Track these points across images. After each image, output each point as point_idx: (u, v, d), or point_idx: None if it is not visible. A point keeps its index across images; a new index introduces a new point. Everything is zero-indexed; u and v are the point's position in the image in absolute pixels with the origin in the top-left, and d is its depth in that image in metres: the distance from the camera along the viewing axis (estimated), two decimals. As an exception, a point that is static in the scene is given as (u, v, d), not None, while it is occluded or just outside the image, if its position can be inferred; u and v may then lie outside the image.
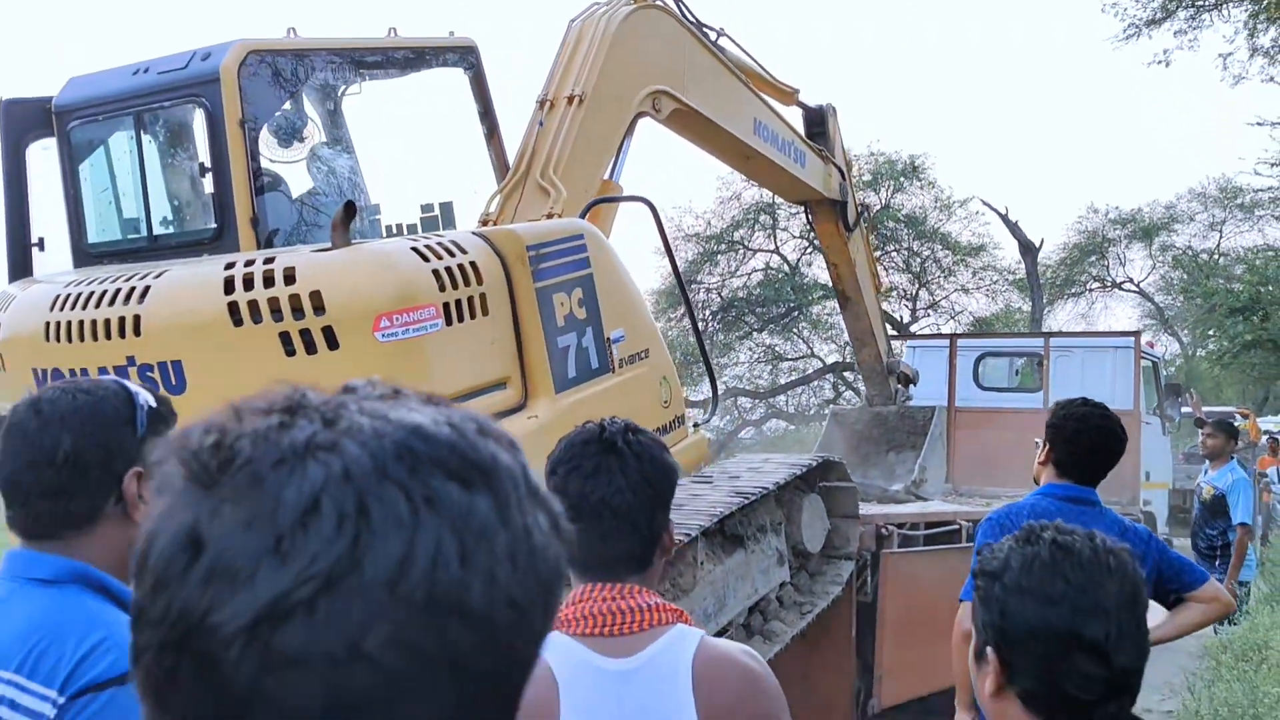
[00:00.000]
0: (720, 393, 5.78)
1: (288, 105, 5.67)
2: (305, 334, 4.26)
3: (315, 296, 4.25)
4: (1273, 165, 19.69)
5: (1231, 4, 16.87)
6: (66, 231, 5.79)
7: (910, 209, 28.65)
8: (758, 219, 26.76)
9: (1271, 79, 17.05)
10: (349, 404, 0.74)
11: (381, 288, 4.33)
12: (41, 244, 5.84)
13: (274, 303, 4.27)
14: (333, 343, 4.26)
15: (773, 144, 8.30)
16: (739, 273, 29.38)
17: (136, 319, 4.44)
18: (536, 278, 4.83)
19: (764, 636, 6.34)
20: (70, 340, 4.59)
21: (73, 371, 4.64)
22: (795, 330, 29.76)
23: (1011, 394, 14.13)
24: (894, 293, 29.39)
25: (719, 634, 5.86)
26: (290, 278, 4.29)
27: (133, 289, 4.51)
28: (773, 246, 28.43)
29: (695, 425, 5.79)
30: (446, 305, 4.46)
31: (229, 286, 4.33)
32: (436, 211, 6.39)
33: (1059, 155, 65.60)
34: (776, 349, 30.30)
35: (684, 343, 25.47)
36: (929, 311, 30.44)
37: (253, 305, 4.28)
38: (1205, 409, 23.61)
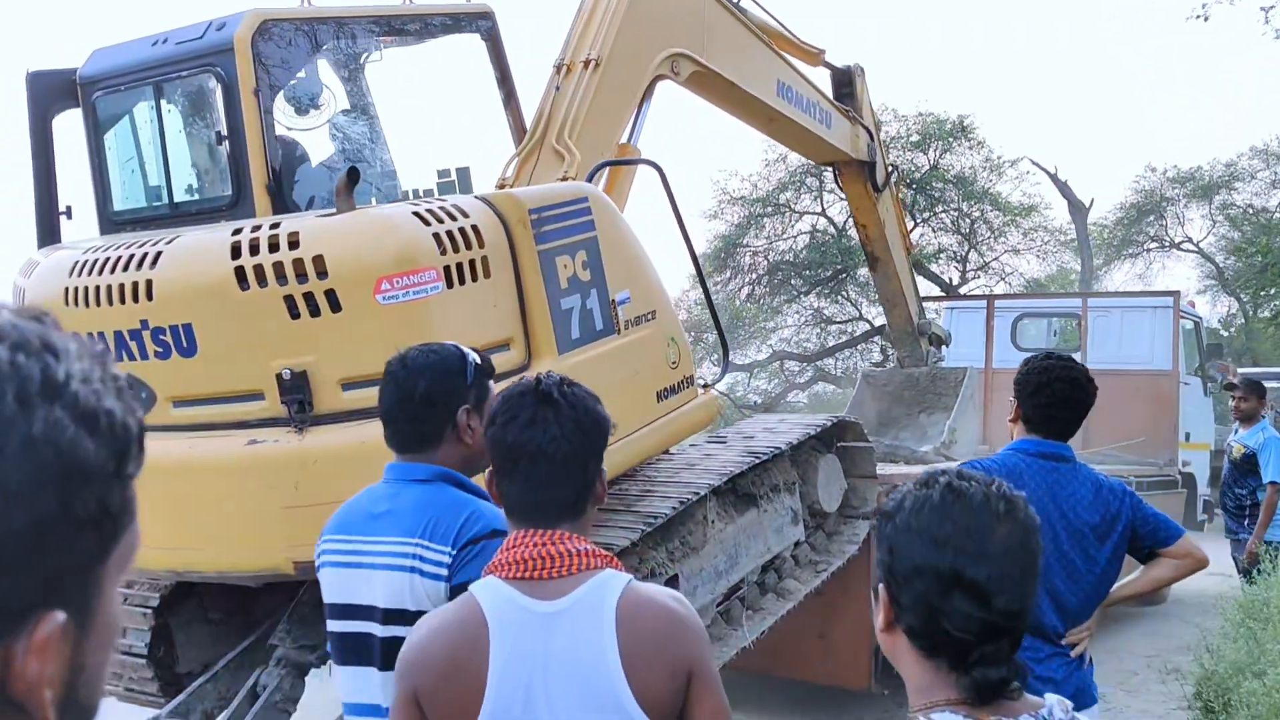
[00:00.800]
0: (731, 355, 5.80)
1: (303, 73, 5.77)
2: (309, 297, 4.38)
3: (318, 261, 4.37)
4: None
5: None
6: (93, 200, 5.96)
7: (959, 169, 28.23)
8: (804, 181, 26.51)
9: None
10: None
11: (382, 251, 4.43)
12: (69, 212, 6.00)
13: (279, 267, 4.39)
14: (335, 305, 4.38)
15: (797, 106, 8.29)
16: (785, 235, 29.19)
17: (149, 283, 4.59)
18: (539, 240, 4.91)
19: (778, 594, 6.43)
20: (87, 305, 4.74)
21: (90, 335, 4.81)
22: (843, 293, 29.54)
23: None
24: (943, 254, 29.10)
25: (732, 591, 5.96)
26: (294, 242, 4.41)
27: (145, 254, 4.65)
28: (819, 209, 28.18)
29: (705, 385, 5.84)
30: (447, 268, 4.56)
31: (236, 251, 4.46)
32: (453, 176, 6.48)
33: (1112, 114, 63.91)
34: (824, 312, 30.15)
35: (729, 306, 25.44)
36: (979, 273, 30.04)
37: (258, 270, 4.41)
38: (1261, 369, 23.15)
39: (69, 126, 6.01)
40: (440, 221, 4.61)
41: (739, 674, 7.20)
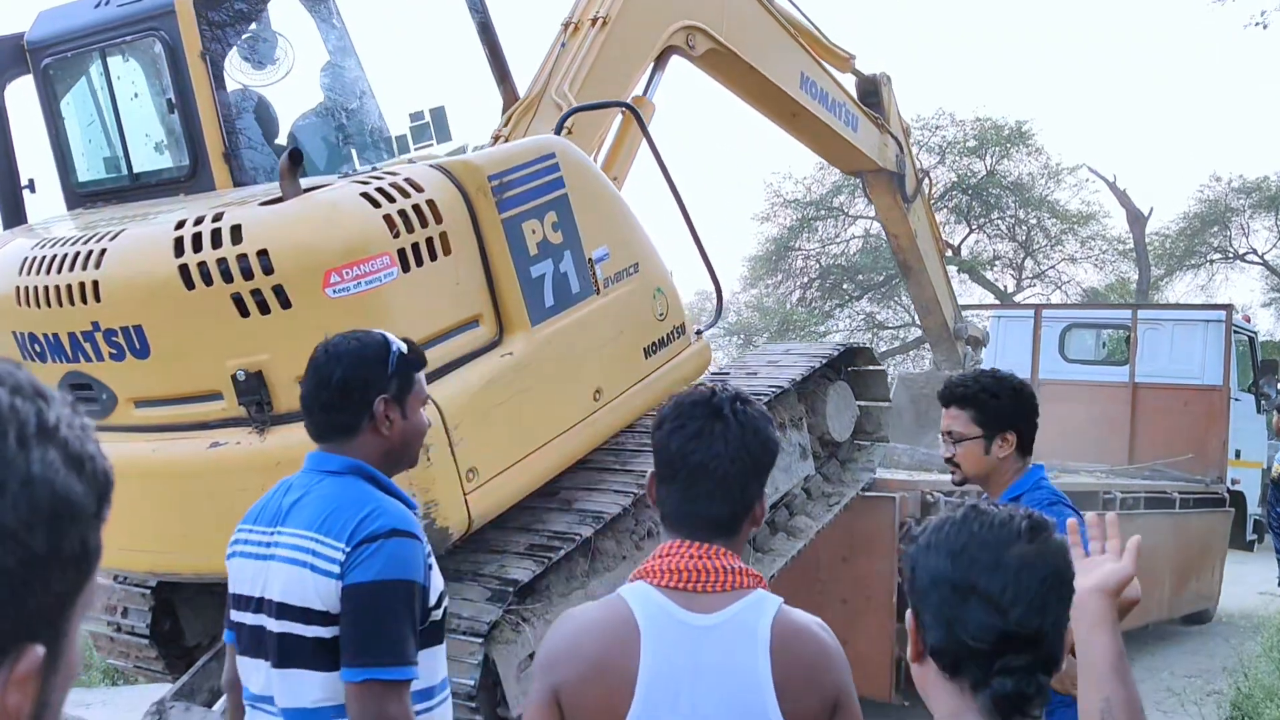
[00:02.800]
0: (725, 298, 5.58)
1: (255, 26, 5.45)
2: (256, 294, 4.16)
3: (262, 255, 4.14)
4: None
5: None
6: (55, 172, 5.74)
7: (1016, 175, 27.69)
8: (858, 185, 25.85)
9: None
10: None
11: (327, 242, 4.19)
12: (32, 185, 5.80)
13: (223, 264, 4.16)
14: (285, 302, 4.16)
15: (822, 103, 7.92)
16: (838, 239, 28.85)
17: (95, 285, 4.39)
18: (502, 208, 4.63)
19: (788, 533, 6.27)
20: (39, 305, 4.57)
21: (46, 337, 4.65)
22: (895, 298, 29.22)
23: (1099, 367, 13.63)
24: (998, 261, 28.61)
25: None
26: (237, 236, 4.18)
27: (90, 252, 4.44)
28: (873, 213, 27.63)
29: (698, 332, 5.59)
30: (402, 251, 4.31)
31: (179, 248, 4.23)
32: (428, 119, 6.18)
33: (1175, 122, 61.39)
34: (876, 317, 29.83)
35: (780, 310, 25.09)
36: (1034, 281, 29.64)
37: (203, 267, 4.19)
38: None
39: (23, 93, 5.77)
40: (391, 200, 4.34)
41: None
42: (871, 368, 6.85)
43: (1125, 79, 62.80)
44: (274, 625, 2.57)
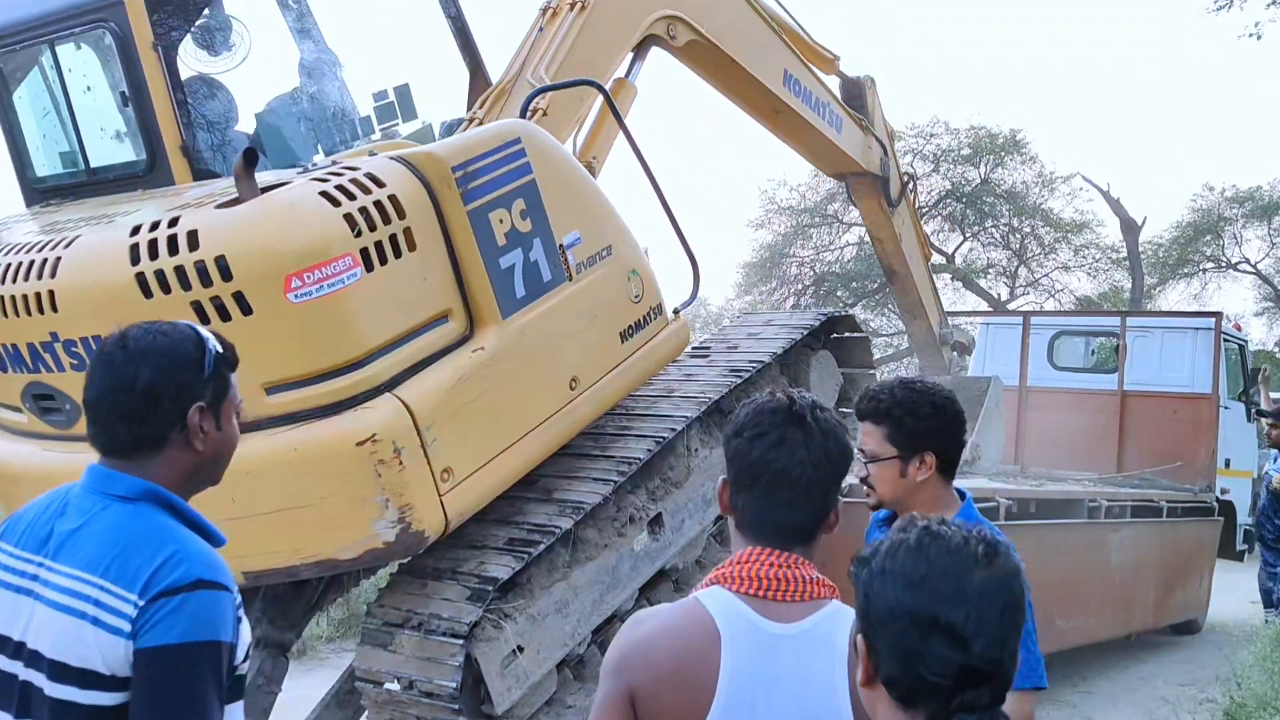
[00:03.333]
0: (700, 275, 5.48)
1: (207, 11, 5.29)
2: (216, 301, 4.05)
3: (220, 262, 4.02)
4: None
5: None
6: (10, 166, 5.60)
7: (1010, 184, 27.56)
8: None
9: None
10: None
11: (287, 245, 4.06)
12: (-11, 182, 5.66)
13: (180, 272, 4.05)
14: (246, 308, 4.05)
15: (805, 101, 7.78)
16: (832, 246, 28.79)
17: (51, 294, 4.28)
18: (467, 199, 4.50)
19: (775, 506, 6.18)
20: (-2, 316, 4.45)
21: (5, 347, 4.54)
22: (889, 306, 29.18)
23: (1087, 375, 13.39)
24: (992, 269, 28.55)
25: (720, 517, 5.73)
26: (194, 242, 4.06)
27: (45, 261, 4.32)
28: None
29: (676, 311, 5.48)
30: (365, 250, 4.19)
31: (134, 255, 4.11)
32: (392, 98, 6.03)
33: (1169, 131, 60.79)
34: (870, 324, 29.87)
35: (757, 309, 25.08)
36: (1028, 289, 29.63)
37: (160, 275, 4.07)
38: None
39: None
40: (351, 198, 4.21)
41: None
42: (854, 334, 6.76)
43: (1119, 87, 62.74)
44: (48, 688, 2.09)
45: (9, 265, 4.42)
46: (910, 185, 9.89)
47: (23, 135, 5.53)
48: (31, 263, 4.35)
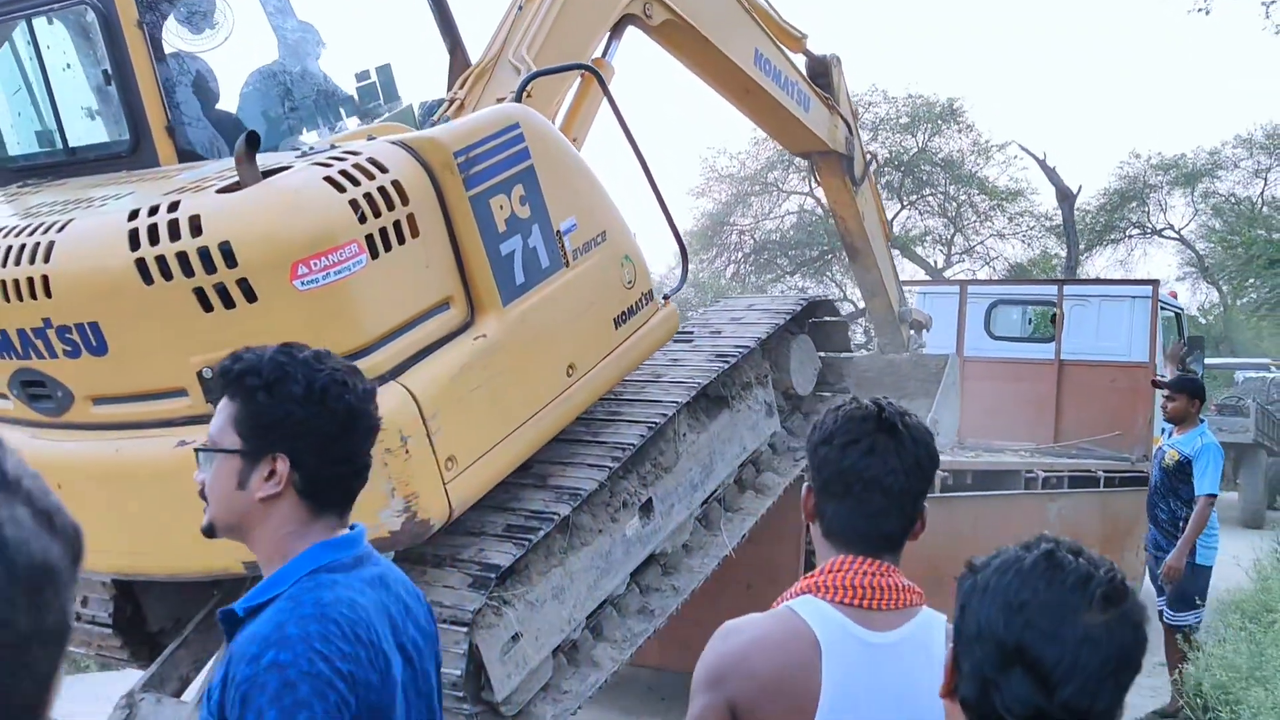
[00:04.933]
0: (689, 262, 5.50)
1: (191, -12, 5.17)
2: (220, 288, 3.98)
3: (224, 248, 3.95)
4: None
5: None
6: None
7: (947, 153, 27.87)
8: (793, 161, 26.03)
9: None
10: None
11: (293, 232, 4.00)
12: (-41, 160, 5.49)
13: (183, 258, 3.97)
14: (250, 295, 3.98)
15: (775, 81, 7.80)
16: (772, 215, 28.92)
17: (45, 279, 4.17)
18: (469, 184, 4.46)
19: (756, 490, 6.27)
20: (-16, 301, 4.34)
21: (-6, 332, 4.43)
22: (828, 274, 29.40)
23: (1025, 344, 13.40)
24: (928, 237, 28.76)
25: (706, 501, 5.77)
26: (196, 227, 3.98)
27: (38, 245, 4.21)
28: (808, 189, 27.86)
29: (665, 297, 5.49)
30: (370, 237, 4.14)
31: (134, 241, 4.02)
32: (374, 78, 5.93)
33: (1101, 101, 61.94)
34: (808, 292, 30.13)
35: (714, 285, 25.09)
36: (964, 257, 30.12)
37: (161, 261, 3.99)
38: (1238, 359, 22.23)
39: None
40: (356, 184, 4.15)
41: (654, 669, 7.02)
42: (832, 318, 6.82)
43: (1055, 57, 63.68)
44: None
45: (-3, 249, 4.31)
46: (873, 164, 9.96)
47: (-6, 114, 5.38)
48: (23, 247, 4.24)
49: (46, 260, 4.17)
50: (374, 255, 4.15)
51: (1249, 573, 10.55)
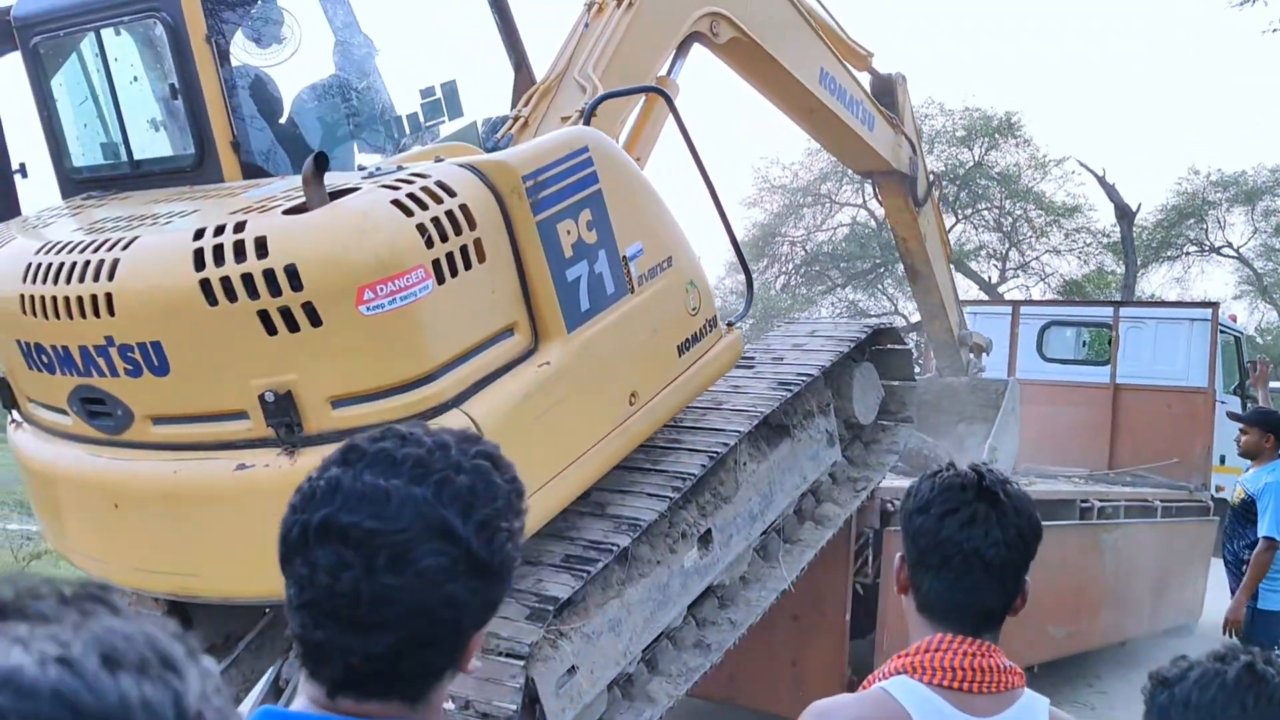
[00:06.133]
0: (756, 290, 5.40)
1: (260, 3, 5.13)
2: (285, 311, 3.92)
3: (290, 271, 3.89)
4: None
5: None
6: (48, 155, 5.43)
7: (1004, 167, 27.61)
8: (846, 172, 25.91)
9: None
10: None
11: (361, 256, 3.94)
12: (24, 170, 5.49)
13: (248, 280, 3.91)
14: (315, 319, 3.92)
15: (840, 100, 7.70)
16: (824, 226, 28.81)
17: (109, 297, 4.13)
18: (536, 209, 4.38)
19: (816, 521, 6.15)
20: (46, 316, 4.31)
21: (54, 348, 4.40)
22: (879, 287, 29.21)
23: (1078, 366, 13.06)
24: (982, 251, 28.56)
25: (765, 532, 5.65)
26: (262, 248, 3.92)
27: (102, 262, 4.17)
28: (860, 201, 27.69)
29: (729, 324, 5.38)
30: (436, 262, 4.06)
31: (199, 261, 3.97)
32: (439, 94, 5.88)
33: (1161, 117, 61.47)
34: (860, 305, 29.88)
35: (763, 296, 24.91)
36: (1018, 272, 29.82)
37: (225, 282, 3.93)
38: None
39: (11, 71, 5.43)
40: (424, 208, 4.08)
41: (699, 700, 6.81)
42: (895, 346, 6.68)
43: (1115, 72, 63.17)
44: None
45: (62, 265, 4.27)
46: (936, 185, 9.79)
47: (61, 125, 5.37)
48: (87, 263, 4.20)
49: (110, 278, 4.13)
50: (440, 280, 4.07)
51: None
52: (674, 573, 5.09)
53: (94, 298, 4.16)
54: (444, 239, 4.09)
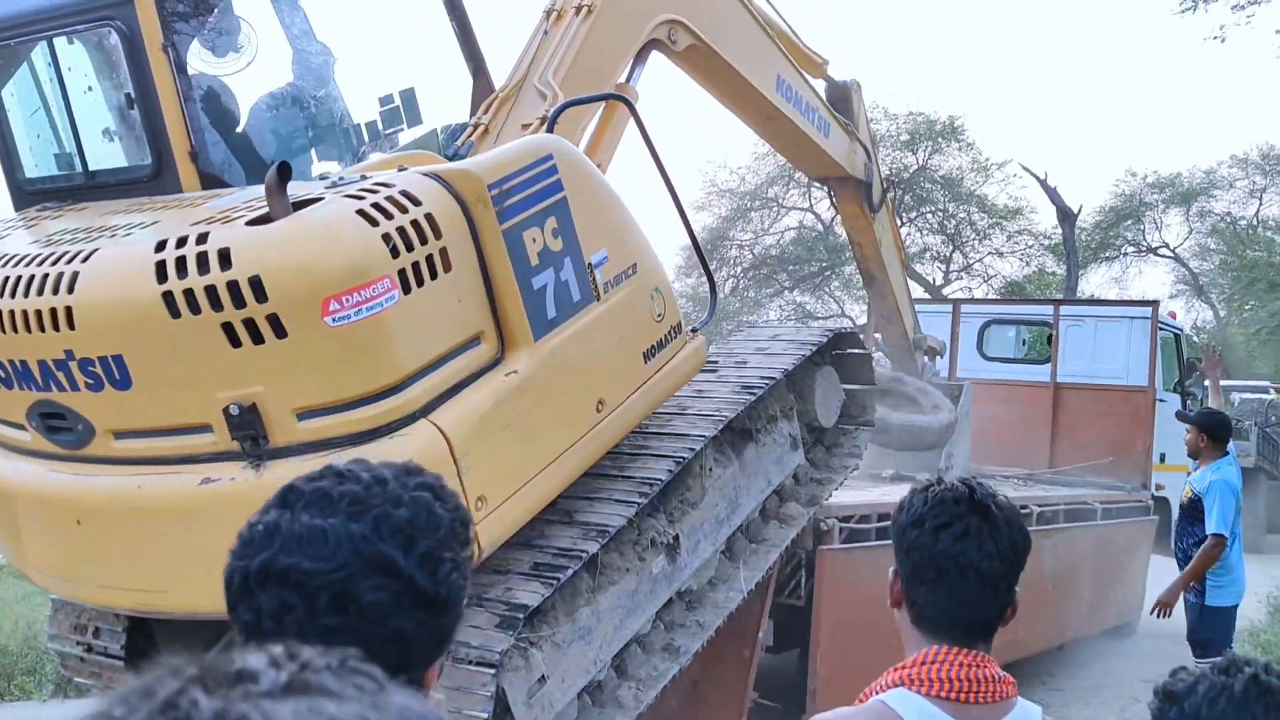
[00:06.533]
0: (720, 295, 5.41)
1: (217, 12, 5.08)
2: (249, 323, 3.88)
3: (255, 282, 3.85)
4: None
5: None
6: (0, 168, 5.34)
7: (947, 170, 28.02)
8: (793, 176, 26.09)
9: None
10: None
11: (326, 267, 3.91)
12: (-25, 181, 5.39)
13: (211, 291, 3.87)
14: (280, 331, 3.89)
15: (796, 106, 7.76)
16: (772, 230, 29.11)
17: (69, 310, 4.07)
18: (502, 217, 4.37)
19: (780, 520, 6.18)
20: (4, 331, 4.24)
21: (12, 363, 4.33)
22: (827, 290, 29.48)
23: (1019, 365, 13.09)
24: (927, 254, 28.91)
25: (733, 535, 5.67)
26: (226, 260, 3.88)
27: (61, 275, 4.11)
28: (807, 205, 27.90)
29: (693, 330, 5.39)
30: (402, 272, 4.04)
31: (161, 273, 3.92)
32: (397, 102, 5.85)
33: (1100, 120, 62.55)
34: (807, 307, 30.15)
35: (700, 294, 25.09)
36: (962, 274, 30.25)
37: (189, 294, 3.89)
38: (1230, 382, 22.00)
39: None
40: (389, 217, 4.05)
41: None
42: (856, 350, 6.73)
43: (1053, 76, 64.03)
44: None
45: (19, 278, 4.21)
46: (890, 191, 9.87)
47: (12, 134, 5.28)
48: (45, 276, 4.14)
49: (70, 291, 4.07)
50: (406, 290, 4.05)
51: (1261, 603, 10.46)
52: (643, 579, 5.09)
53: (53, 311, 4.10)
54: (410, 248, 4.07)
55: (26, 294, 4.16)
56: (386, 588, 1.29)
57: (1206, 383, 13.26)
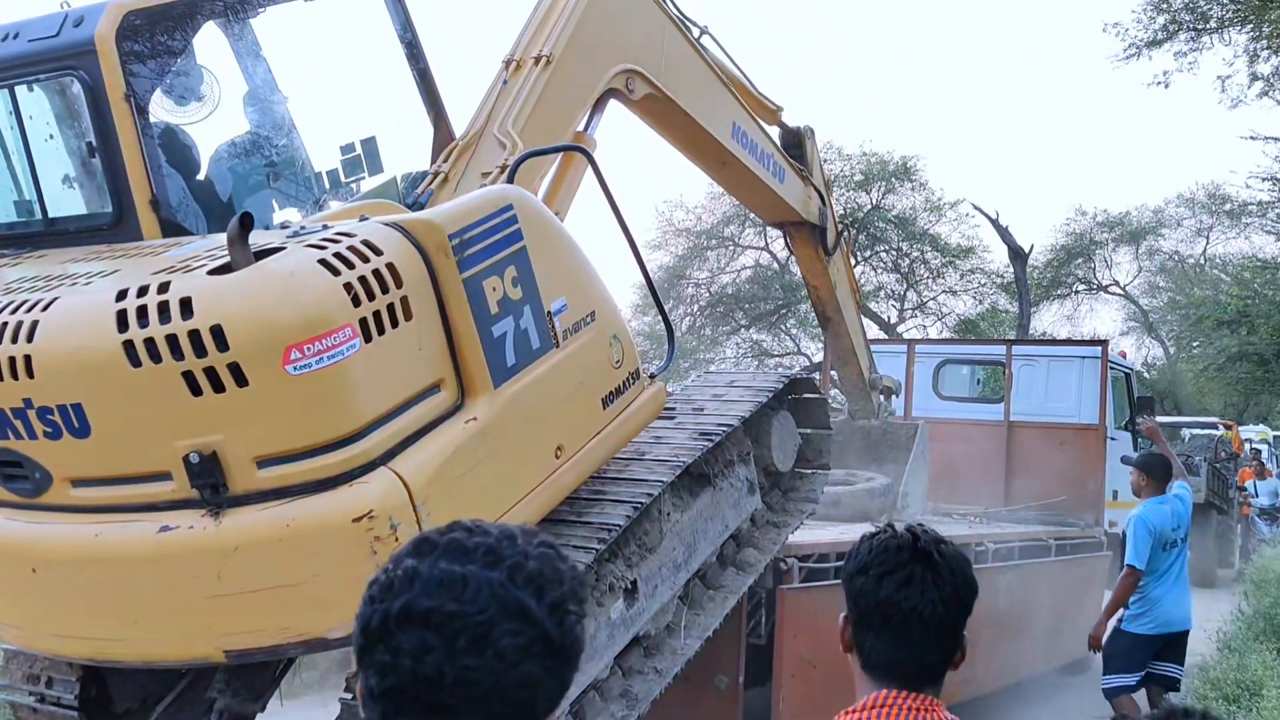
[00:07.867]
0: (677, 339, 5.51)
1: (180, 62, 5.12)
2: (210, 372, 3.90)
3: (216, 331, 3.88)
4: (1264, 180, 19.35)
5: (1233, 29, 16.39)
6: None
7: (901, 210, 28.54)
8: (749, 215, 26.41)
9: (1268, 94, 16.79)
10: None
11: (287, 316, 3.94)
12: (-68, 227, 5.38)
13: (173, 340, 3.89)
14: (241, 380, 3.91)
15: (751, 153, 7.92)
16: (728, 269, 29.42)
17: (28, 359, 4.07)
18: (463, 267, 4.42)
19: (738, 567, 6.22)
20: (-40, 379, 4.22)
21: (-32, 411, 4.31)
22: (783, 327, 29.87)
23: (973, 404, 13.33)
24: (881, 292, 29.35)
25: (690, 580, 5.71)
26: (187, 309, 3.90)
27: (20, 324, 4.12)
28: (763, 244, 28.31)
29: (651, 376, 5.46)
30: (364, 321, 4.07)
31: (122, 322, 3.94)
32: (359, 150, 5.91)
33: (1050, 160, 64.57)
34: (763, 345, 30.52)
35: (657, 332, 25.40)
36: (916, 312, 30.83)
37: (150, 344, 3.90)
38: (1180, 419, 22.38)
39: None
40: (351, 267, 4.10)
41: None
42: (811, 396, 6.82)
43: (1004, 117, 65.32)
44: None
45: (-24, 327, 4.20)
46: (845, 234, 10.02)
47: (-30, 181, 5.28)
48: (4, 325, 4.14)
49: (30, 339, 4.08)
50: (367, 339, 4.09)
51: (1211, 638, 10.57)
52: (600, 625, 5.12)
53: (11, 360, 4.10)
54: (371, 297, 4.11)
55: (-15, 342, 4.15)
56: (522, 633, 1.36)
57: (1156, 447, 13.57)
